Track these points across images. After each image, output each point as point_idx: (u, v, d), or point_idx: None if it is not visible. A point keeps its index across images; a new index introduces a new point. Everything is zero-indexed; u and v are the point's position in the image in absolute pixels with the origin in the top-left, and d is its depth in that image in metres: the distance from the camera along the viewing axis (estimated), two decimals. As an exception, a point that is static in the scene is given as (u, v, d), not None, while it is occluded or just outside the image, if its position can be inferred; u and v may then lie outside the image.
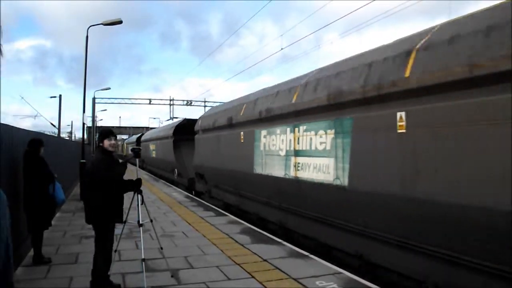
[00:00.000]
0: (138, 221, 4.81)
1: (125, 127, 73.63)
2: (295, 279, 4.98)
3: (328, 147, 6.18)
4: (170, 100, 49.60)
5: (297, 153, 7.11)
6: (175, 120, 34.59)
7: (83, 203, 4.68)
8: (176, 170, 17.55)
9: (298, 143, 7.07)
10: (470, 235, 3.97)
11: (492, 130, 3.64)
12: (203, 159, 12.92)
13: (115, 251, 4.99)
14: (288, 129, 7.45)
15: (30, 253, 5.78)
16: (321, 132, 6.38)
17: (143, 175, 24.02)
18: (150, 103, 50.08)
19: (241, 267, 5.52)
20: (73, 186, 15.35)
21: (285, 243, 6.97)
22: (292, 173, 7.25)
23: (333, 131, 6.08)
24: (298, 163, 7.05)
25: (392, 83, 4.90)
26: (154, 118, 77.80)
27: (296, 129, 7.16)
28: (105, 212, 4.37)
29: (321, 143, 6.39)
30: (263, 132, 8.52)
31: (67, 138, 39.23)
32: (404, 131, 4.71)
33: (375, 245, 5.39)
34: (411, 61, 4.74)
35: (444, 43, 4.38)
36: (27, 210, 5.47)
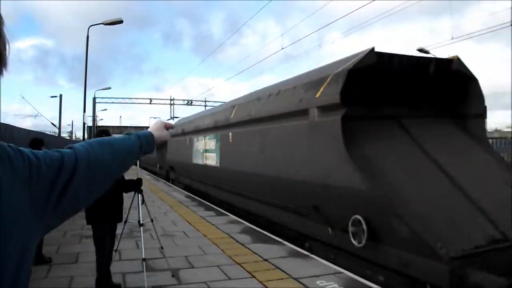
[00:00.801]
0: (139, 221, 4.82)
1: (126, 127, 73.62)
2: (295, 279, 4.98)
3: (214, 148, 11.92)
4: (171, 100, 49.67)
5: (206, 151, 12.91)
6: (175, 119, 36.42)
7: None
8: (158, 164, 23.68)
9: (206, 146, 12.92)
10: (247, 185, 9.26)
11: (248, 140, 9.11)
12: (172, 156, 18.66)
13: (116, 250, 5.00)
14: (203, 137, 13.35)
15: (31, 253, 5.78)
16: (212, 140, 12.26)
17: (144, 175, 24.03)
18: (150, 103, 50.17)
19: (242, 266, 5.52)
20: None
21: (285, 242, 6.97)
22: (204, 162, 12.99)
23: (215, 140, 11.88)
24: (206, 156, 12.80)
25: (228, 119, 10.80)
26: (155, 118, 77.79)
27: (205, 138, 13.03)
28: (99, 213, 4.35)
29: (212, 145, 12.23)
30: (195, 139, 14.55)
31: (68, 138, 39.27)
32: (231, 141, 10.41)
33: (236, 197, 10.39)
34: (234, 111, 10.55)
35: (242, 105, 10.23)
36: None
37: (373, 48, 5.77)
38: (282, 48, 17.01)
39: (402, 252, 4.68)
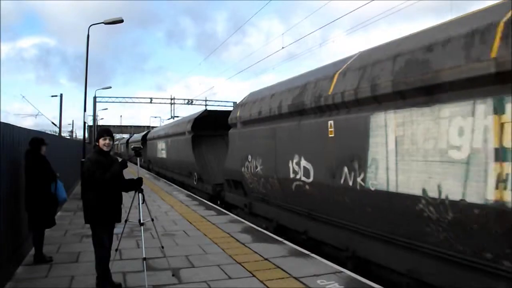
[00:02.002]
0: (139, 220, 4.81)
1: (126, 126, 73.62)
2: (296, 278, 4.98)
3: (165, 147, 21.25)
4: (171, 99, 49.66)
5: (162, 149, 22.11)
6: (175, 118, 37.89)
7: (82, 203, 4.68)
8: (142, 159, 34.87)
9: (162, 146, 21.97)
10: (179, 168, 18.59)
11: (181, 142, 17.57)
12: (149, 153, 27.52)
13: (116, 250, 5.00)
14: (161, 141, 22.32)
15: (31, 252, 5.78)
16: (164, 143, 21.34)
17: (145, 174, 24.09)
18: (151, 102, 50.14)
19: (242, 266, 5.52)
20: (74, 185, 15.37)
21: (286, 242, 6.97)
22: (162, 156, 22.14)
23: (165, 143, 21.09)
24: (162, 152, 22.06)
25: (168, 132, 20.61)
26: (155, 117, 77.80)
27: (162, 142, 22.02)
28: (99, 213, 4.34)
29: (164, 146, 21.54)
30: (158, 142, 23.43)
31: (68, 137, 39.29)
32: (169, 144, 20.04)
33: (170, 172, 21.13)
34: (168, 128, 21.73)
35: (171, 126, 21.17)
36: (28, 209, 5.48)
37: (206, 109, 16.74)
38: (283, 47, 17.03)
39: (206, 185, 14.03)
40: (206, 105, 48.33)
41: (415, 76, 4.52)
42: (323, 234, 6.71)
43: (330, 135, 6.10)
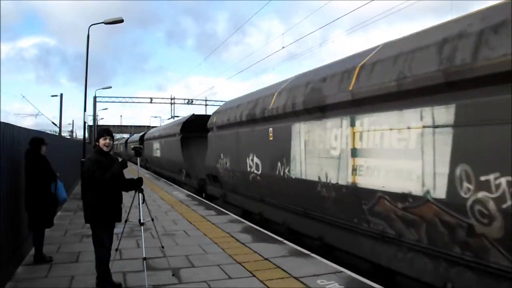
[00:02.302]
0: (139, 220, 4.81)
1: (126, 126, 73.60)
2: (296, 278, 4.98)
3: (159, 147, 23.55)
4: (171, 99, 49.68)
5: (157, 149, 24.42)
6: (175, 118, 38.62)
7: (82, 203, 4.67)
8: (141, 158, 37.92)
9: (157, 146, 24.25)
10: (169, 165, 21.17)
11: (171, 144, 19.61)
12: (146, 152, 28.77)
13: (116, 250, 4.99)
14: (156, 142, 24.57)
15: (31, 252, 5.78)
16: (159, 143, 23.61)
17: (145, 174, 24.10)
18: (151, 102, 50.18)
19: (242, 266, 5.52)
20: (74, 185, 15.37)
21: (286, 242, 6.97)
22: (157, 155, 24.74)
23: (159, 143, 23.40)
24: (157, 151, 24.36)
25: (161, 134, 23.68)
26: (156, 117, 77.75)
27: (157, 142, 24.33)
28: (99, 212, 4.33)
29: (159, 146, 23.68)
30: (154, 142, 25.58)
31: (69, 137, 39.29)
32: (163, 144, 22.11)
33: (164, 170, 23.32)
34: (161, 130, 25.77)
35: (163, 128, 25.48)
36: (28, 208, 5.47)
37: (193, 114, 17.73)
38: (283, 47, 17.03)
39: (193, 180, 15.93)
40: (206, 105, 48.35)
41: (314, 99, 6.55)
42: (271, 214, 8.76)
43: (271, 139, 8.24)
